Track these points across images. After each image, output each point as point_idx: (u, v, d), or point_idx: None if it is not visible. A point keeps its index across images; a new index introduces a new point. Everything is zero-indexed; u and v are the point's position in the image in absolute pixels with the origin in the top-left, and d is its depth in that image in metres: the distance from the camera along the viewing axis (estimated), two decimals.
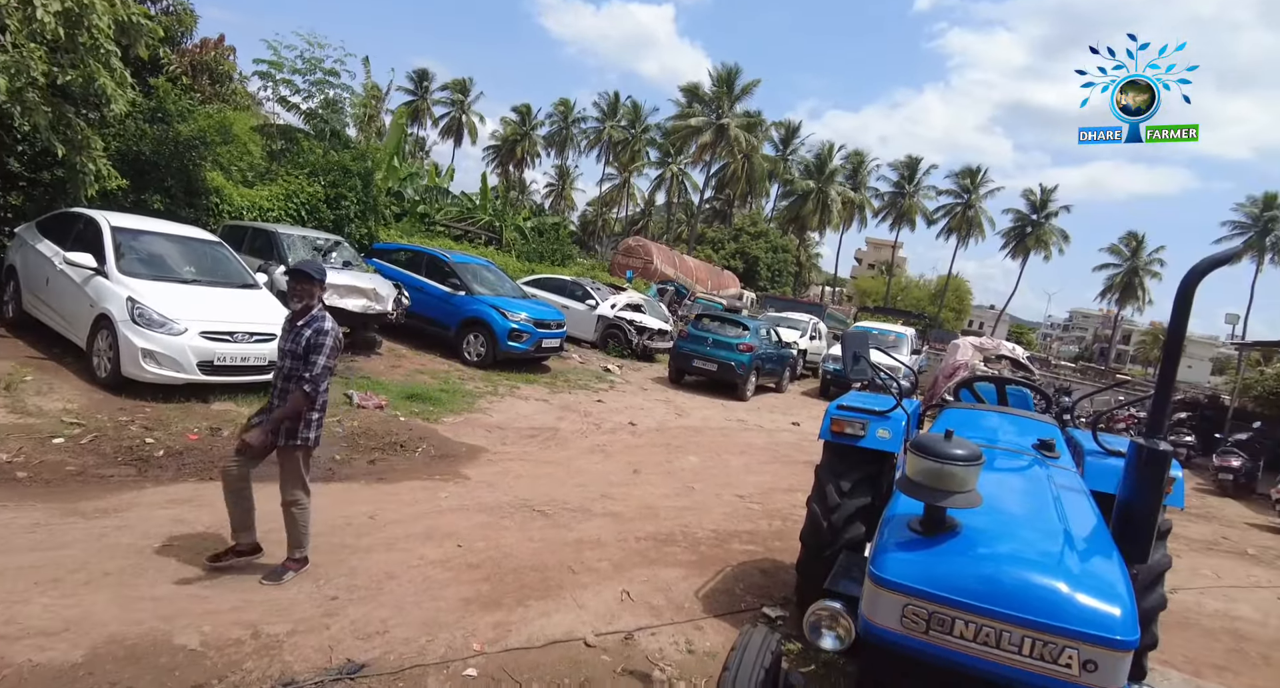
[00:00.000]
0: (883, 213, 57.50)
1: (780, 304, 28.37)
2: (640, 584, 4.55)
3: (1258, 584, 7.20)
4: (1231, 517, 10.43)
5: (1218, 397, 18.77)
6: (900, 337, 16.66)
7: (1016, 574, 1.76)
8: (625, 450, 7.92)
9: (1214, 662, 5.10)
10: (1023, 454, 2.82)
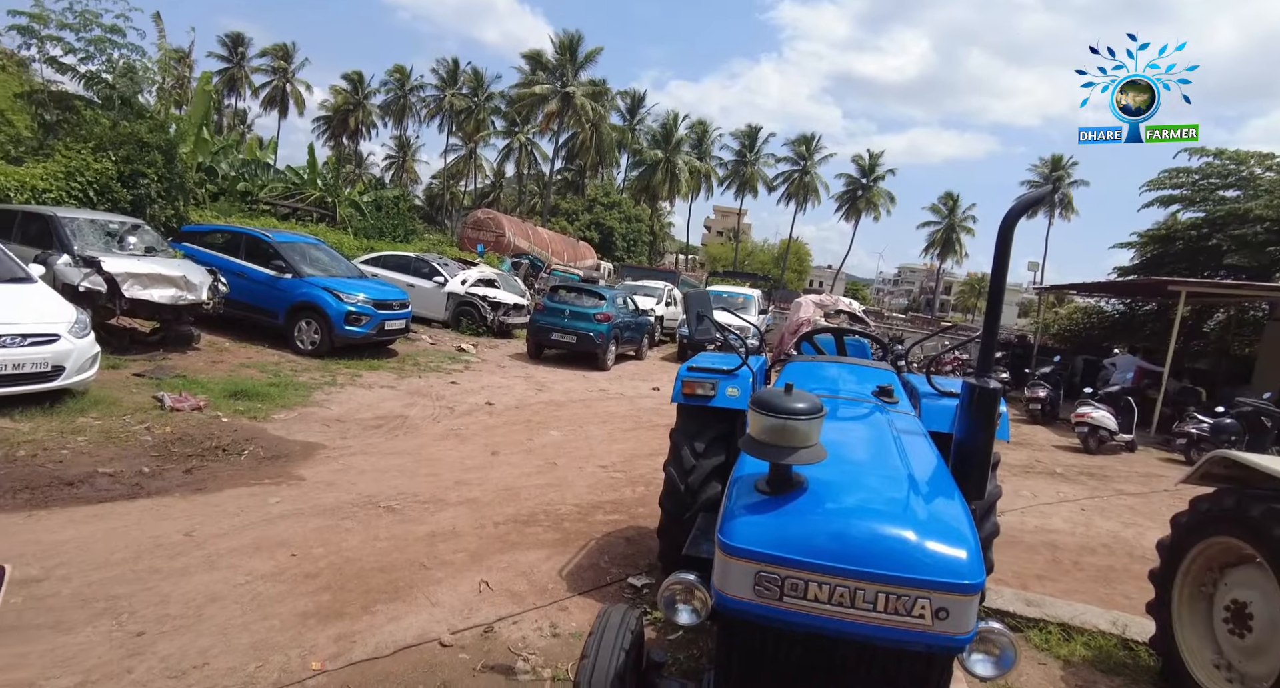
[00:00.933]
0: (727, 181, 59.37)
1: (636, 273, 28.54)
2: (500, 572, 4.31)
3: (1065, 499, 8.08)
4: (1042, 442, 11.71)
5: (1025, 336, 21.04)
6: (748, 298, 17.25)
7: (865, 528, 1.71)
8: (482, 432, 7.58)
9: (1037, 573, 5.64)
10: (863, 402, 2.85)
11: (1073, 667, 4.06)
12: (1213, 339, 20.03)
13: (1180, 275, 16.44)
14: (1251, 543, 3.33)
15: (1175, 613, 3.84)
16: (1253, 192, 17.91)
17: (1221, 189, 18.81)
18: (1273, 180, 17.93)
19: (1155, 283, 14.97)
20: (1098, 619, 4.48)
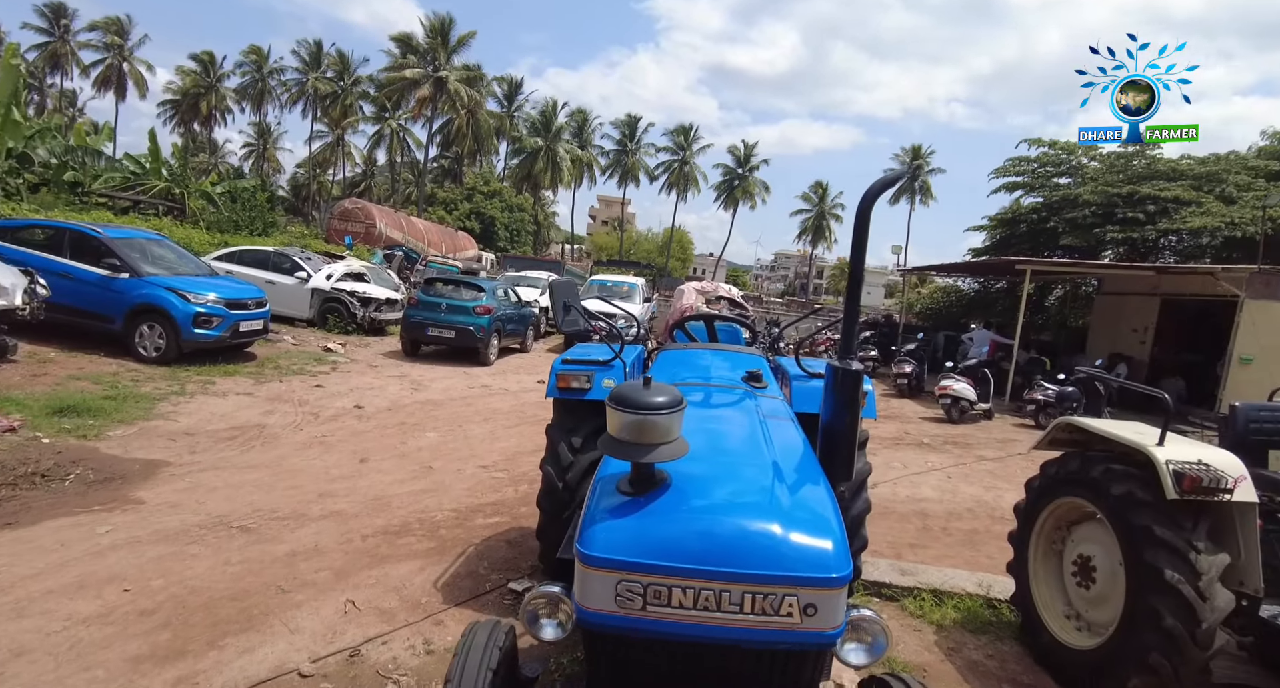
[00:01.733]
0: (610, 170, 59.40)
1: (520, 263, 27.98)
2: (368, 589, 4.00)
3: (933, 468, 8.56)
4: (909, 414, 12.41)
5: (891, 315, 22.30)
6: (632, 287, 17.28)
7: (729, 526, 1.62)
8: (350, 438, 7.09)
9: (909, 541, 5.90)
10: (733, 389, 2.80)
11: (945, 630, 4.25)
12: (1053, 313, 22.04)
13: (1025, 255, 17.93)
14: (1093, 501, 3.57)
15: (1031, 571, 4.09)
16: (1081, 179, 19.76)
17: (1056, 176, 20.65)
18: (1096, 169, 19.85)
19: (1004, 262, 16.21)
20: (965, 582, 4.72)
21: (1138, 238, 17.63)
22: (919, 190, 58.42)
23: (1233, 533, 3.24)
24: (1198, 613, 3.03)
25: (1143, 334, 16.62)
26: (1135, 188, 17.39)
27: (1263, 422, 3.69)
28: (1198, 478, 3.08)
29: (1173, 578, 3.06)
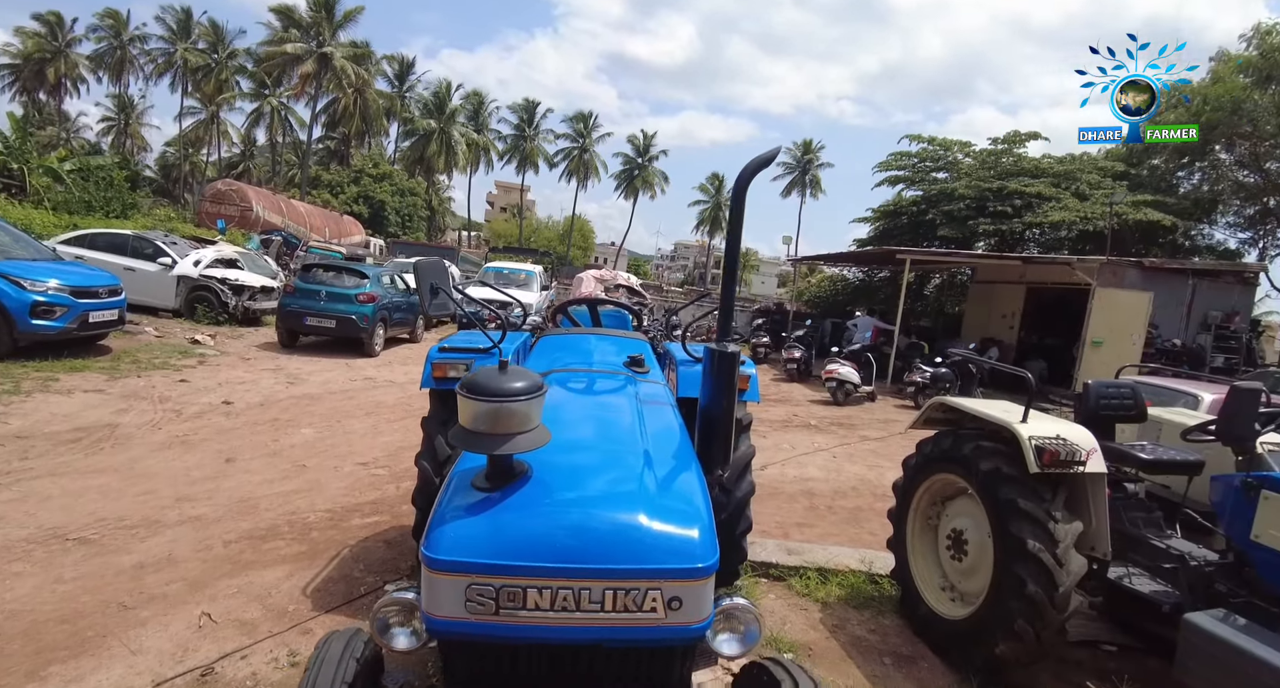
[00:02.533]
0: (508, 155, 58.17)
1: (411, 250, 26.91)
2: (228, 600, 3.66)
3: (819, 449, 8.85)
4: (799, 397, 12.81)
5: (782, 303, 22.99)
6: (530, 274, 16.95)
7: (588, 519, 1.51)
8: (215, 437, 6.53)
9: (797, 521, 6.03)
10: (613, 374, 2.71)
11: (829, 607, 4.35)
12: (932, 300, 23.36)
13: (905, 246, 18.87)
14: (964, 477, 3.72)
15: (909, 546, 4.24)
16: (957, 174, 20.99)
17: (935, 171, 21.84)
18: (970, 165, 21.15)
19: (885, 252, 17.01)
20: (849, 559, 4.86)
21: (1006, 230, 18.92)
22: (809, 184, 60.56)
23: (1085, 502, 3.45)
24: (1056, 578, 3.20)
25: (1011, 320, 17.88)
26: (1004, 183, 18.66)
27: (1110, 398, 3.96)
28: (1056, 452, 3.25)
29: (1034, 547, 3.23)
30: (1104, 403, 3.96)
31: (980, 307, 19.31)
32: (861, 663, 3.75)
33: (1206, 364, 15.41)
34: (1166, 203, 18.77)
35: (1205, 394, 6.40)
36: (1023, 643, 3.31)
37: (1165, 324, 15.68)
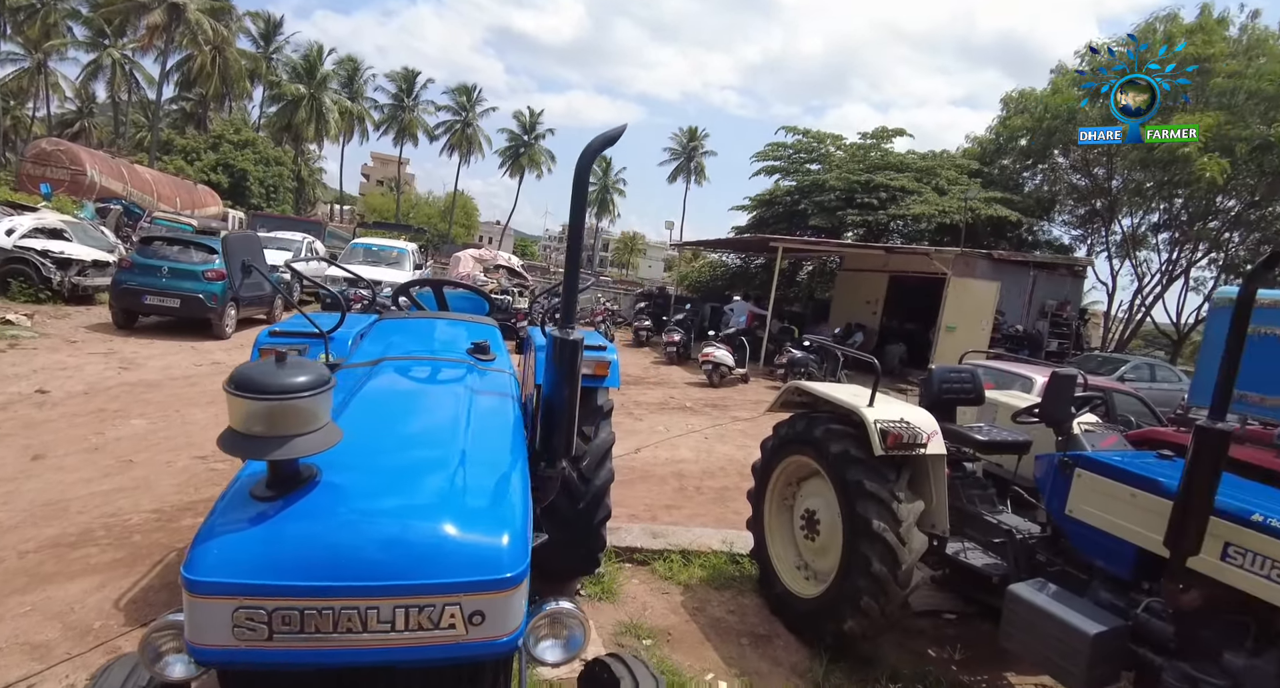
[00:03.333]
0: (385, 126, 55.31)
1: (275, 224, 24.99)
2: (17, 620, 3.21)
3: (693, 430, 8.98)
4: (676, 380, 12.99)
5: (665, 287, 23.26)
6: (402, 252, 16.16)
7: (378, 530, 1.37)
8: (21, 431, 5.76)
9: (666, 503, 6.08)
10: (452, 362, 2.54)
11: (691, 590, 4.39)
12: (804, 286, 24.36)
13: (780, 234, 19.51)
14: (816, 459, 3.83)
15: (767, 526, 4.34)
16: (828, 166, 21.90)
17: (808, 162, 22.68)
18: (841, 158, 22.13)
19: (760, 240, 17.54)
20: (712, 540, 4.93)
21: (872, 221, 19.97)
22: (694, 170, 61.52)
23: (927, 482, 3.64)
24: (899, 556, 3.35)
25: (875, 306, 18.94)
26: (871, 177, 19.66)
27: (951, 382, 4.20)
28: (899, 435, 3.39)
29: (879, 527, 3.36)
30: (946, 387, 4.19)
31: (848, 293, 20.33)
32: (719, 645, 3.80)
33: (1043, 348, 16.98)
34: (1013, 200, 20.44)
35: (1038, 377, 6.97)
36: (869, 619, 3.46)
37: (1010, 311, 17.12)
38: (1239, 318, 2.35)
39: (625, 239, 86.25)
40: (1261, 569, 2.39)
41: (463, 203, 67.03)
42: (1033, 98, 20.79)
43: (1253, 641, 2.50)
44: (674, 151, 61.67)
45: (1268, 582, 2.37)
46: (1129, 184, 20.01)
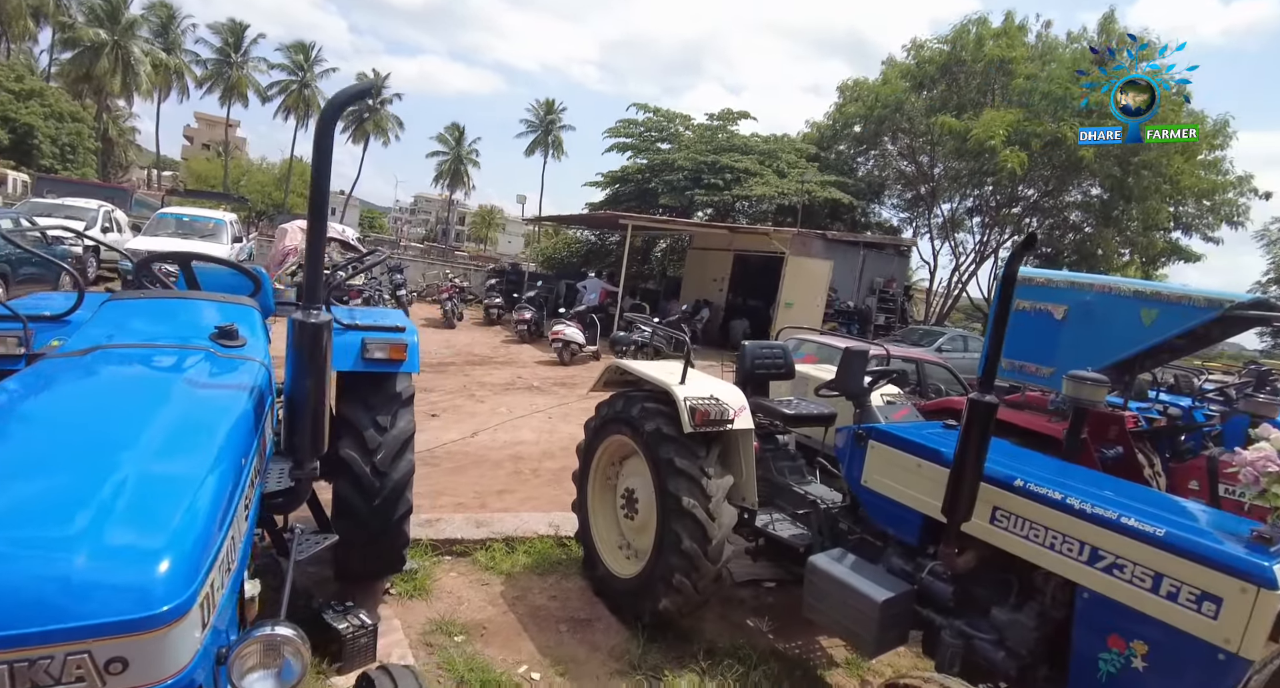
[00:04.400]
0: (209, 83, 49.88)
1: (69, 189, 21.81)
2: None
3: (538, 410, 8.79)
4: (526, 359, 12.72)
5: (519, 263, 22.74)
6: (219, 223, 14.59)
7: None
8: None
9: (498, 488, 5.85)
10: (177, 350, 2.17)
11: (513, 578, 4.23)
12: (658, 264, 24.70)
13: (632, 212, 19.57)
14: (633, 437, 3.77)
15: (591, 507, 4.26)
16: (679, 145, 22.19)
17: (659, 141, 22.87)
18: (690, 138, 22.49)
19: (610, 217, 17.48)
20: (538, 524, 4.79)
21: (718, 201, 20.49)
22: (552, 144, 60.49)
23: (737, 456, 3.67)
24: (709, 532, 3.35)
25: (721, 283, 19.52)
26: (718, 158, 20.11)
27: (763, 358, 4.28)
28: (707, 412, 3.37)
29: (689, 504, 3.34)
30: (758, 363, 4.26)
31: (697, 271, 20.81)
32: (537, 634, 3.68)
33: (872, 322, 18.25)
34: (847, 184, 21.71)
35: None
36: (683, 595, 3.46)
37: (842, 288, 18.23)
38: (1003, 295, 2.47)
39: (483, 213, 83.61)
40: (1022, 530, 2.56)
41: (301, 170, 61.89)
42: (866, 87, 22.10)
43: (1015, 596, 2.68)
44: (531, 124, 60.27)
45: (1026, 542, 2.54)
46: (949, 172, 21.83)
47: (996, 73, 19.47)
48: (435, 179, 63.23)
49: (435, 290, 16.48)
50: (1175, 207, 20.41)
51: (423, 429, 7.51)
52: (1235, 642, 2.00)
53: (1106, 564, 2.32)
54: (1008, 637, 2.61)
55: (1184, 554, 2.13)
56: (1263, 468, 2.22)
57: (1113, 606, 2.29)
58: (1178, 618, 2.12)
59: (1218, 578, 2.05)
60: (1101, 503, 2.38)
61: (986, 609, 2.72)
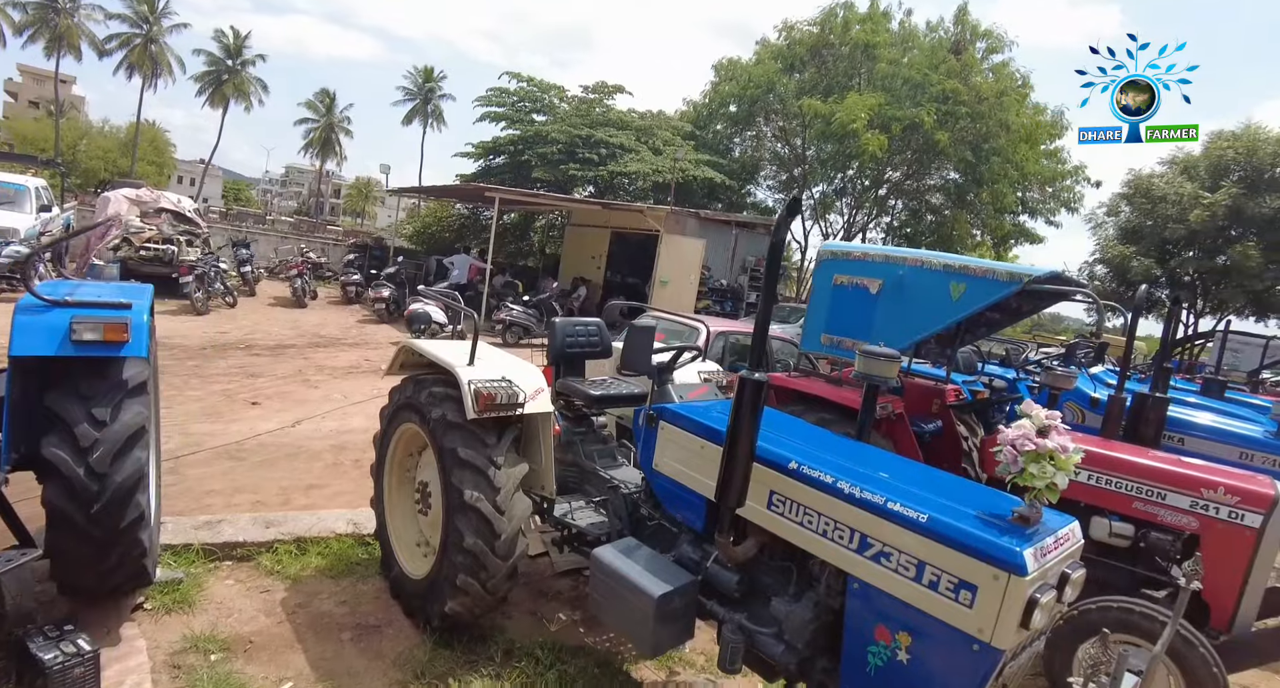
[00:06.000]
0: (32, 31, 44.10)
1: None
2: None
3: (378, 395, 8.14)
4: (380, 340, 11.96)
5: (383, 239, 21.51)
6: (19, 189, 12.75)
7: None
8: None
9: (309, 483, 5.32)
10: None
11: (300, 583, 3.80)
12: (537, 241, 24.08)
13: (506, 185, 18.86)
14: (421, 426, 3.41)
15: (388, 502, 3.87)
16: (555, 118, 21.58)
17: (534, 112, 22.15)
18: (566, 111, 21.91)
19: (475, 189, 16.73)
20: (337, 523, 4.35)
21: (595, 176, 20.11)
22: (431, 114, 57.81)
23: (536, 443, 3.39)
24: (495, 527, 3.06)
25: (599, 261, 19.22)
26: (593, 131, 19.68)
27: (576, 336, 4.02)
28: (493, 395, 3.06)
29: (472, 497, 3.04)
30: (570, 341, 3.99)
31: (576, 248, 20.42)
32: (313, 645, 3.29)
33: (744, 300, 18.53)
34: (722, 164, 21.85)
35: (704, 328, 7.26)
36: (471, 596, 3.16)
37: (716, 267, 18.37)
38: (770, 264, 2.28)
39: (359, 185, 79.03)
40: (797, 516, 2.41)
41: (151, 136, 56.27)
42: (739, 67, 22.24)
43: (794, 587, 2.55)
44: (409, 92, 57.23)
45: (801, 528, 2.39)
46: (820, 154, 22.41)
47: (863, 57, 20.05)
48: (304, 148, 59.05)
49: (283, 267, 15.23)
50: (1022, 192, 21.89)
51: (237, 419, 6.87)
52: (988, 631, 1.91)
53: (874, 553, 2.19)
54: (786, 630, 2.47)
55: (943, 541, 2.03)
56: (1022, 446, 2.14)
57: (880, 596, 2.17)
58: (938, 608, 2.02)
59: (973, 565, 1.95)
60: (871, 487, 2.25)
61: (769, 600, 2.58)
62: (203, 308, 11.98)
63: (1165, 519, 3.60)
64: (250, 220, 28.53)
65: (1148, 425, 5.11)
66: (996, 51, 20.71)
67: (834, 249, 4.73)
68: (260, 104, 53.88)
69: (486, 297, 15.12)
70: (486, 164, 21.71)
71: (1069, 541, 2.15)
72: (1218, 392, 8.10)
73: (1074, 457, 2.09)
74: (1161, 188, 18.40)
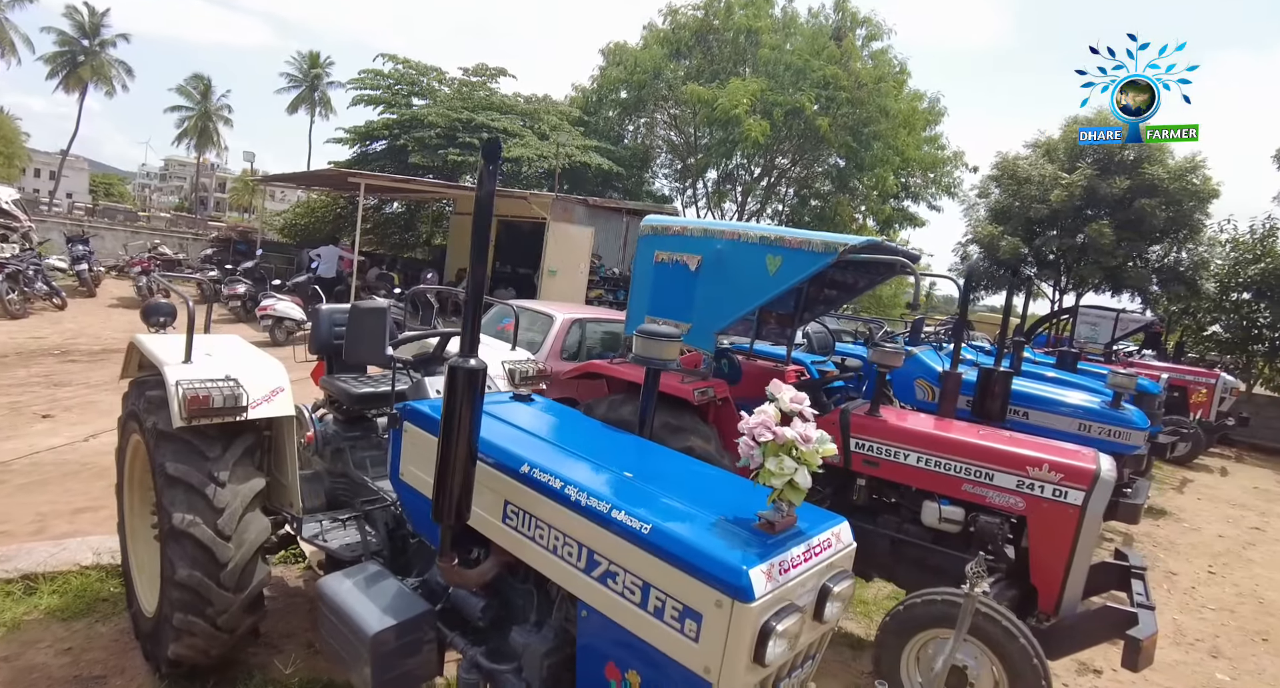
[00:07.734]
0: None
1: None
2: None
3: None
4: None
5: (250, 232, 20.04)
6: None
7: None
8: None
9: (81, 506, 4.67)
10: None
11: (20, 629, 3.20)
12: (424, 231, 23.05)
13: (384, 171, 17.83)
14: (141, 436, 2.88)
15: (129, 527, 3.32)
16: (434, 101, 20.59)
17: (412, 95, 21.07)
18: (446, 95, 20.96)
19: (339, 175, 15.67)
20: (80, 553, 3.74)
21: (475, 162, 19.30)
22: (319, 102, 54.80)
23: (281, 452, 2.92)
24: (217, 555, 2.59)
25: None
26: (474, 115, 18.87)
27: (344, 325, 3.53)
28: (206, 398, 2.57)
29: (183, 521, 2.55)
30: (337, 331, 3.52)
31: (462, 238, 19.57)
32: None
33: None
34: (612, 150, 21.43)
35: (559, 315, 6.89)
36: (198, 636, 2.66)
37: (607, 255, 17.99)
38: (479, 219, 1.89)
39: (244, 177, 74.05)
40: (529, 529, 2.02)
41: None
42: (627, 52, 21.86)
43: (535, 613, 2.18)
44: (293, 79, 53.98)
45: (533, 544, 2.01)
46: (707, 140, 22.33)
47: (747, 43, 20.05)
48: (177, 139, 54.83)
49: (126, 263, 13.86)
50: (905, 178, 22.53)
51: (15, 435, 6.00)
52: (714, 670, 1.53)
53: (601, 572, 1.79)
54: (525, 665, 2.09)
55: (664, 557, 1.64)
56: (760, 436, 1.77)
57: (609, 625, 1.78)
58: (665, 641, 1.63)
59: (696, 588, 1.57)
60: (599, 494, 1.86)
61: (510, 630, 2.19)
62: (18, 310, 10.67)
63: (994, 501, 3.45)
64: (120, 217, 25.99)
65: (994, 400, 5.10)
66: (876, 38, 21.17)
67: (654, 224, 4.42)
68: (125, 89, 49.49)
69: (355, 291, 14.23)
70: (363, 150, 20.51)
71: (830, 547, 1.79)
72: (1070, 364, 8.40)
73: (819, 448, 1.74)
74: (1025, 169, 19.27)
